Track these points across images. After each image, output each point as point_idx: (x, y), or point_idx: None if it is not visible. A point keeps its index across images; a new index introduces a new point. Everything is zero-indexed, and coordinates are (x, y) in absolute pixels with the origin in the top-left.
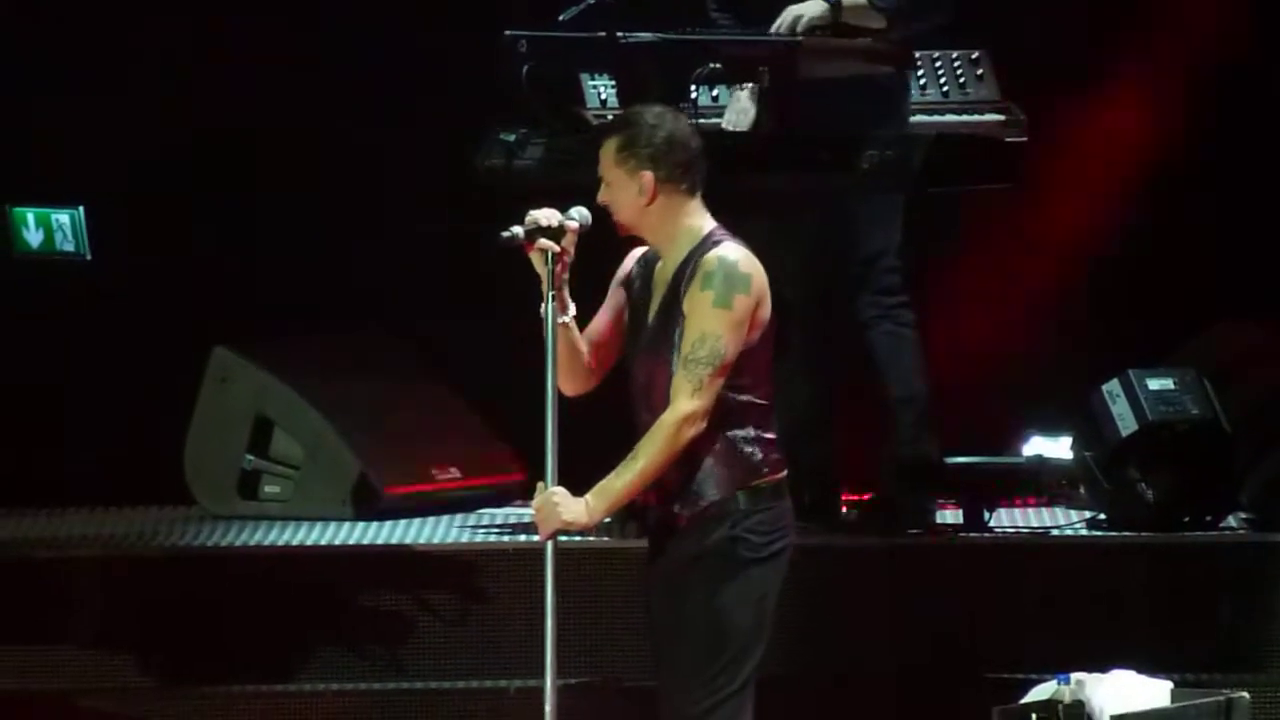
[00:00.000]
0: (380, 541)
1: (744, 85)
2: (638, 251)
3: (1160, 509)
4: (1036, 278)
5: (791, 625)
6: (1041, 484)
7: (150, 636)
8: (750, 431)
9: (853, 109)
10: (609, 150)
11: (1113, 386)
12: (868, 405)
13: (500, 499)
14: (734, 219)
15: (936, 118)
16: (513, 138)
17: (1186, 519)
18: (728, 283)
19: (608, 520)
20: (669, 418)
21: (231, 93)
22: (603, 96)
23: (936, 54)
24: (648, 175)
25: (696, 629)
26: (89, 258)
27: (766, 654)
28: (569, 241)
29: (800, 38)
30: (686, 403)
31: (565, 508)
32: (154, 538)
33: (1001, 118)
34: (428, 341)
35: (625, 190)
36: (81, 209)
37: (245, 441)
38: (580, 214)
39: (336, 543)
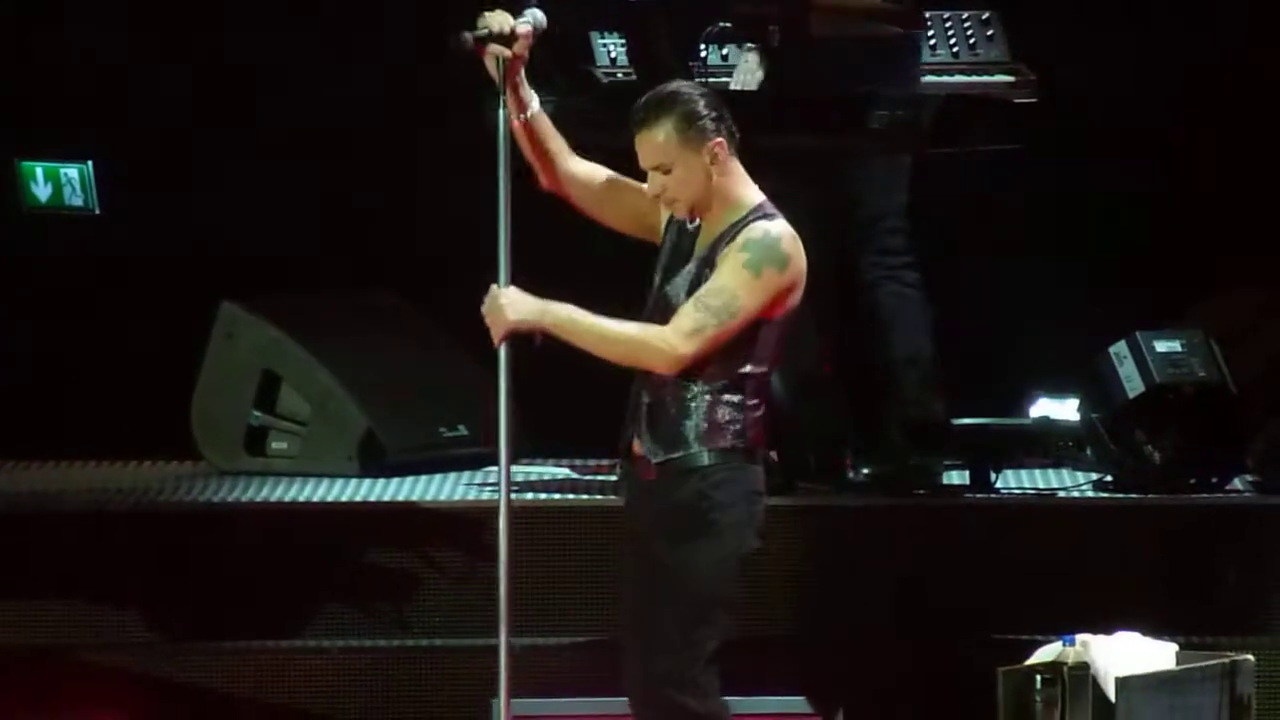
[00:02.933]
0: (387, 499)
1: (752, 46)
2: None
3: (1167, 471)
4: (1043, 239)
5: (796, 585)
6: (1048, 445)
7: (156, 592)
8: (740, 398)
9: (862, 69)
10: (667, 133)
11: (1120, 348)
12: (874, 366)
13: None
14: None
15: (946, 78)
16: None
17: (1193, 481)
18: (765, 253)
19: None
20: (656, 335)
21: (241, 42)
22: (612, 55)
23: (946, 14)
24: (720, 142)
25: (662, 588)
26: (97, 212)
27: (773, 615)
28: (521, 46)
29: None
30: (677, 338)
31: (514, 306)
32: (160, 493)
33: (1011, 79)
34: (433, 299)
35: (693, 168)
36: (90, 163)
37: (252, 397)
38: (534, 16)
39: (343, 499)
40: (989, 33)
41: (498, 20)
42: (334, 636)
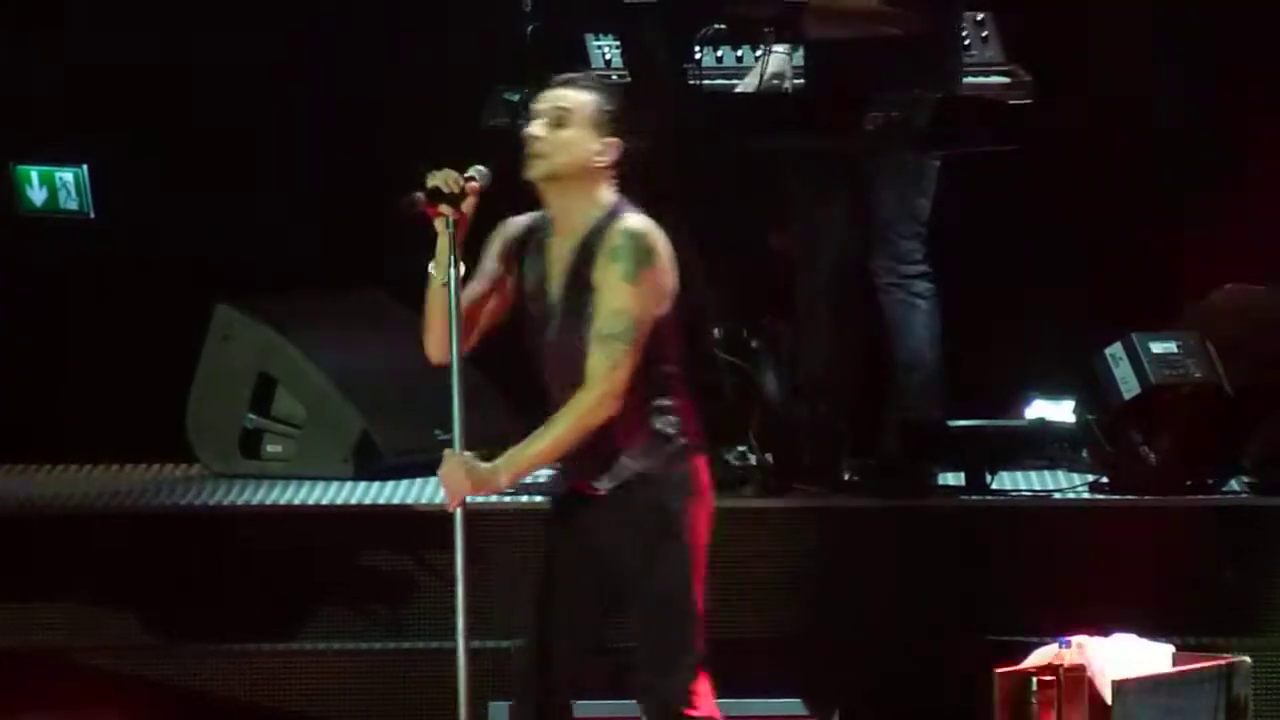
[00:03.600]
0: (382, 501)
1: (780, 49)
2: (516, 223)
3: (1162, 472)
4: (1039, 239)
5: (791, 587)
6: (1044, 447)
7: (151, 595)
8: (662, 401)
9: (859, 69)
10: (588, 103)
11: (1115, 349)
12: (875, 366)
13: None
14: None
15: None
16: (517, 97)
17: (1189, 482)
18: (636, 256)
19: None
20: (585, 395)
21: (236, 44)
22: (607, 57)
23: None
24: (617, 144)
25: (644, 607)
26: (93, 215)
27: (768, 617)
28: (469, 205)
29: None
30: (603, 381)
31: (471, 475)
32: (155, 496)
33: (1007, 80)
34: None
35: (582, 144)
36: (85, 167)
37: (247, 400)
38: (480, 173)
39: (339, 502)
40: (984, 34)
41: (447, 179)
42: (330, 639)
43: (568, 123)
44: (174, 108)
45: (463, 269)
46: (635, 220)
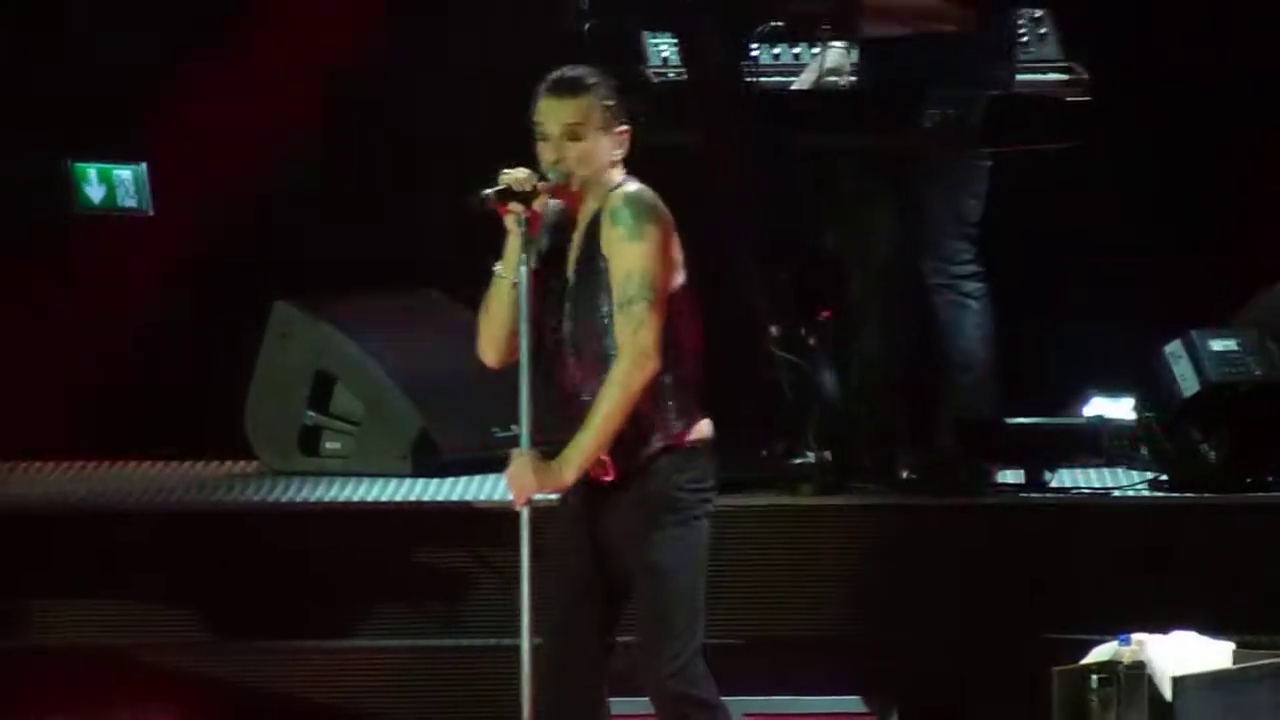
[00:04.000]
0: (440, 498)
1: (838, 44)
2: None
3: (1222, 470)
4: (1099, 236)
5: (850, 585)
6: (1103, 445)
7: (210, 592)
8: (675, 382)
9: (915, 67)
10: (593, 105)
11: (1175, 347)
12: (932, 365)
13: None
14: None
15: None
16: None
17: (1248, 480)
18: (636, 216)
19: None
20: (618, 365)
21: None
22: (664, 54)
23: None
24: (628, 130)
25: (642, 593)
26: (151, 213)
27: (827, 615)
28: (541, 203)
29: None
30: (631, 344)
31: (539, 474)
32: (214, 493)
33: (1064, 77)
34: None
35: (601, 146)
36: (144, 164)
37: (306, 397)
38: (555, 174)
39: (397, 499)
40: (1041, 31)
41: (519, 178)
42: (388, 636)
43: (582, 134)
44: (236, 106)
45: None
46: (632, 185)
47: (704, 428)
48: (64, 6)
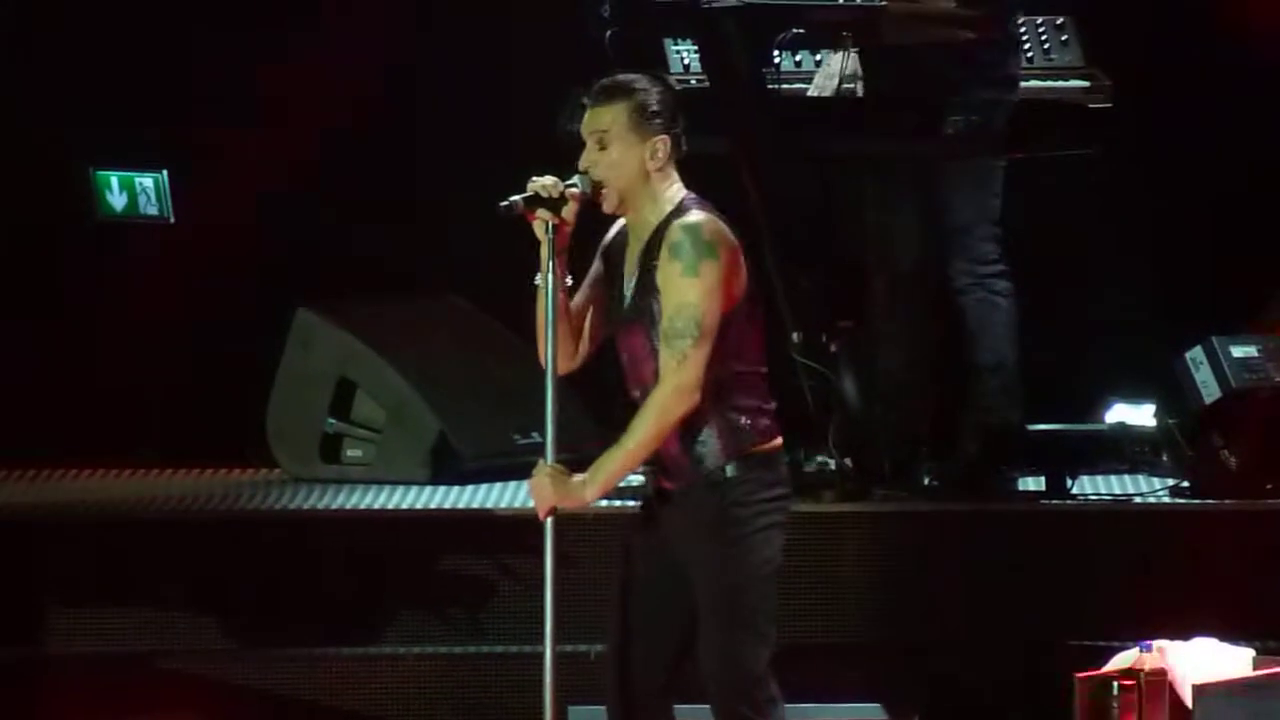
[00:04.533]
0: (461, 506)
1: (835, 50)
2: (620, 222)
3: (1243, 476)
4: (1120, 242)
5: (872, 591)
6: (1124, 451)
7: (232, 599)
8: (739, 401)
9: (938, 73)
10: (616, 114)
11: (1196, 354)
12: (954, 370)
13: (581, 465)
14: (828, 182)
15: (1021, 83)
16: None
17: (1269, 486)
18: (694, 250)
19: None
20: (657, 394)
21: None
22: (685, 61)
23: (1021, 19)
24: (664, 140)
25: (706, 608)
26: (172, 221)
27: (849, 621)
28: (570, 211)
29: (884, 2)
30: (672, 378)
31: (560, 489)
32: (236, 500)
33: (1086, 84)
34: (505, 305)
35: (630, 156)
36: (165, 172)
37: (327, 404)
38: (583, 182)
39: (418, 506)
40: (1064, 37)
41: (546, 185)
42: (408, 643)
43: (608, 142)
44: (254, 112)
45: (569, 279)
46: (694, 215)
47: (772, 436)
48: (81, 14)
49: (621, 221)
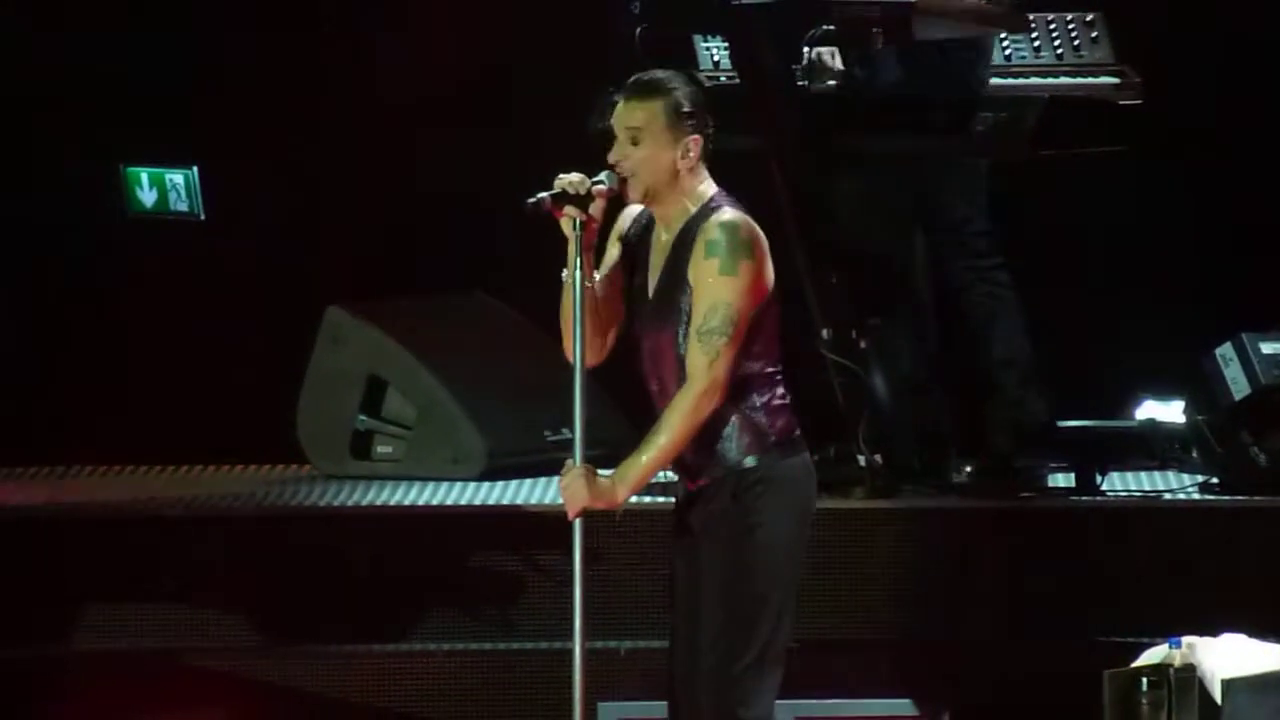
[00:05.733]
0: (492, 502)
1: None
2: (633, 209)
3: (1273, 473)
4: (1150, 239)
5: (901, 588)
6: (1154, 448)
7: (262, 596)
8: (760, 398)
9: (967, 71)
10: (651, 112)
11: (1226, 350)
12: (974, 369)
13: (610, 461)
14: (831, 180)
15: (1050, 80)
16: None
17: None
18: (731, 249)
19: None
20: (688, 392)
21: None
22: (715, 58)
23: (1051, 16)
24: (696, 140)
25: (718, 598)
26: (203, 217)
27: (879, 617)
28: (597, 208)
29: None
30: (704, 375)
31: (591, 489)
32: (266, 498)
33: (1116, 81)
34: (534, 303)
35: (665, 152)
36: (195, 168)
37: (358, 401)
38: (610, 178)
39: (448, 503)
40: (1093, 34)
41: (573, 181)
42: (439, 640)
43: (641, 139)
44: (285, 109)
45: (596, 275)
46: (730, 213)
47: (791, 430)
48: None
49: (636, 209)
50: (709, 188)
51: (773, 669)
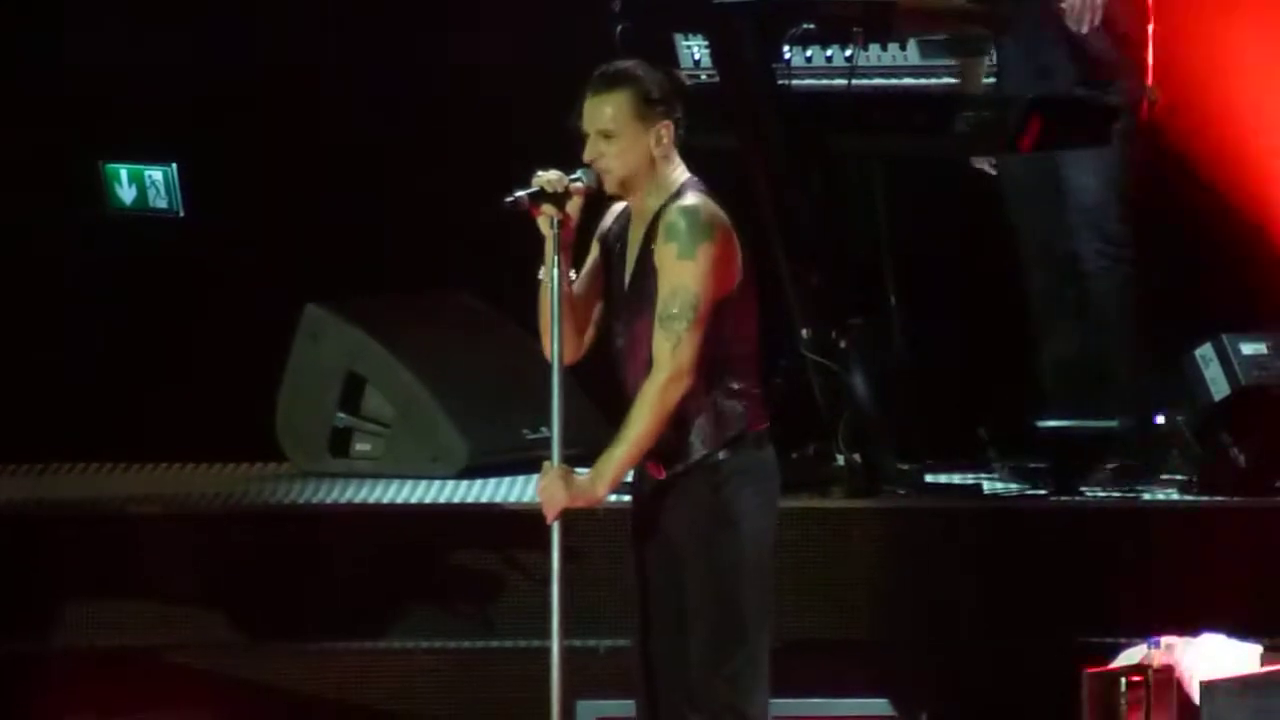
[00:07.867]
0: (470, 500)
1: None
2: (618, 206)
3: (1252, 473)
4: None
5: (879, 587)
6: (1134, 448)
7: (242, 593)
8: (731, 385)
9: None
10: (619, 104)
11: (1205, 350)
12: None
13: (589, 460)
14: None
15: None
16: None
17: (1278, 483)
18: (691, 233)
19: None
20: (653, 380)
21: (322, 44)
22: (696, 57)
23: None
24: (668, 125)
25: (710, 595)
26: (182, 214)
27: (856, 618)
28: (574, 206)
29: None
30: (668, 361)
31: (570, 489)
32: (245, 495)
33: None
34: (513, 301)
35: (638, 143)
36: (175, 165)
37: (337, 399)
38: (587, 176)
39: (427, 501)
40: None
41: (551, 180)
42: (418, 637)
43: (614, 132)
44: (258, 106)
45: (574, 274)
46: (692, 198)
47: (762, 421)
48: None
49: (618, 207)
50: (680, 174)
51: (765, 664)
